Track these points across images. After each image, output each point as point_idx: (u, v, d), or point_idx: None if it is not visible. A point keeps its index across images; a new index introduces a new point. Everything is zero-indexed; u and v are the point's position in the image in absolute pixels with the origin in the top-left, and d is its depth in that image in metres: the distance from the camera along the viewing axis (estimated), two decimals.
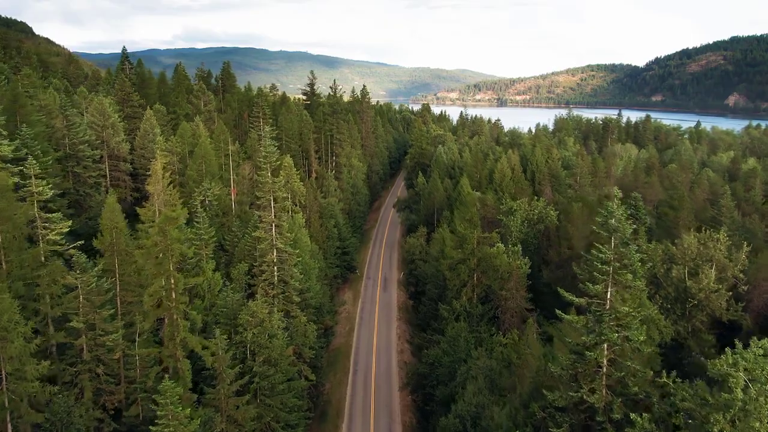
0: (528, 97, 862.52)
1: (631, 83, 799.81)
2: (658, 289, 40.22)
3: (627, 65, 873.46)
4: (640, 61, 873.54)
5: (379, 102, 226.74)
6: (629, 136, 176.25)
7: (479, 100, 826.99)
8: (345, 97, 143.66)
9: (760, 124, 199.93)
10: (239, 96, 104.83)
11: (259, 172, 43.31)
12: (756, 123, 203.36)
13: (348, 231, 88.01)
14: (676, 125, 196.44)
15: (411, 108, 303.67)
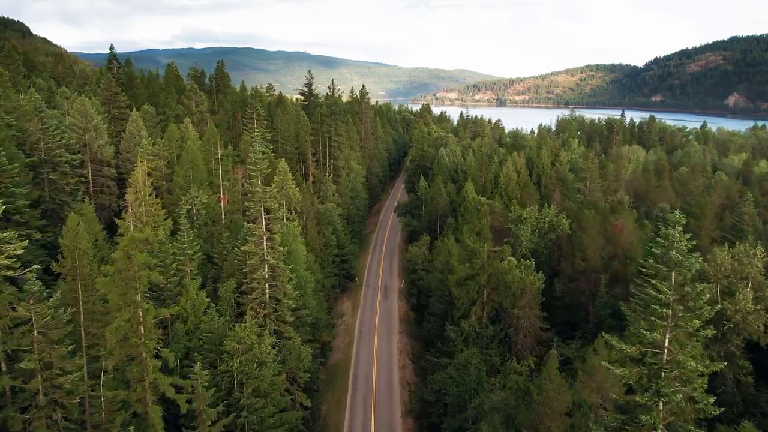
0: (527, 98, 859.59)
1: (631, 83, 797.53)
2: None
3: (626, 65, 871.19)
4: (640, 61, 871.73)
5: (378, 102, 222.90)
6: (634, 137, 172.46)
7: (478, 101, 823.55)
8: (344, 98, 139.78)
9: (766, 125, 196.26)
10: (233, 96, 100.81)
11: (249, 181, 39.41)
12: (762, 123, 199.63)
13: (347, 238, 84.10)
14: (681, 126, 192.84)
15: (410, 108, 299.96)
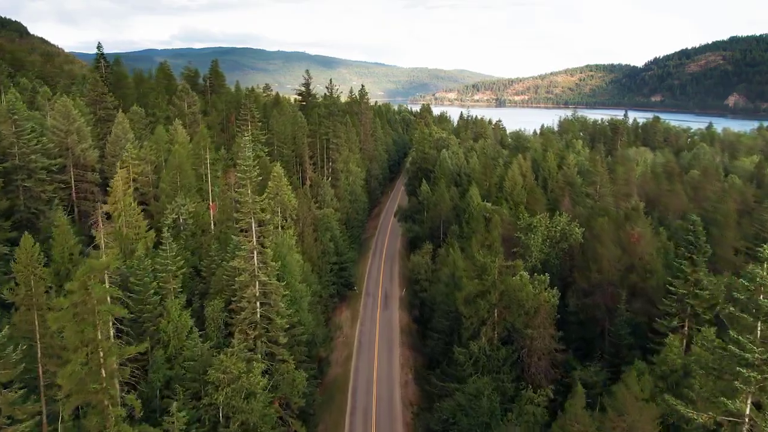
0: (526, 98, 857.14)
1: (630, 83, 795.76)
2: (722, 333, 33.15)
3: (626, 65, 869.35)
4: (639, 62, 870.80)
5: (377, 102, 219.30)
6: (638, 139, 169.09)
7: (478, 101, 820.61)
8: (342, 98, 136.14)
9: None
10: (227, 97, 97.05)
11: (238, 190, 35.86)
12: (767, 124, 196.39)
13: (345, 244, 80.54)
14: (686, 127, 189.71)
15: (410, 108, 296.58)
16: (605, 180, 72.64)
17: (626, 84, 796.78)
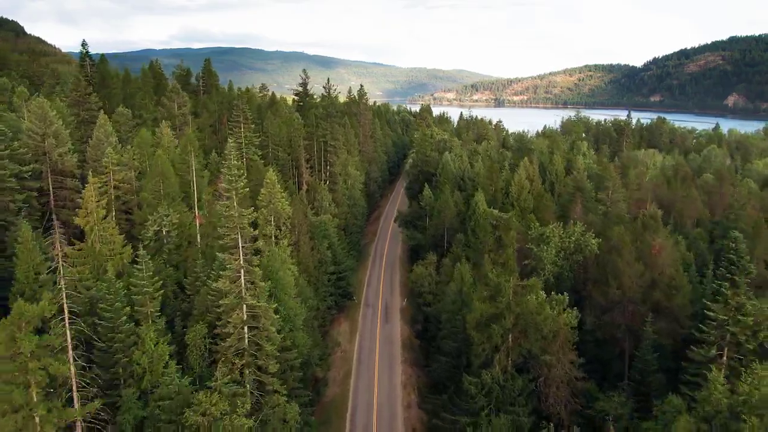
0: (525, 98, 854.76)
1: (629, 83, 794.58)
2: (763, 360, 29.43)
3: (625, 65, 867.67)
4: (638, 62, 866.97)
5: (376, 102, 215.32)
6: (643, 140, 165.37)
7: (476, 101, 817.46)
8: (341, 98, 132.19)
9: None
10: (220, 97, 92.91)
11: (222, 202, 31.91)
12: None
13: (344, 252, 76.62)
14: (691, 127, 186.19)
15: (409, 108, 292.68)
16: (618, 185, 68.76)
17: (625, 84, 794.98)
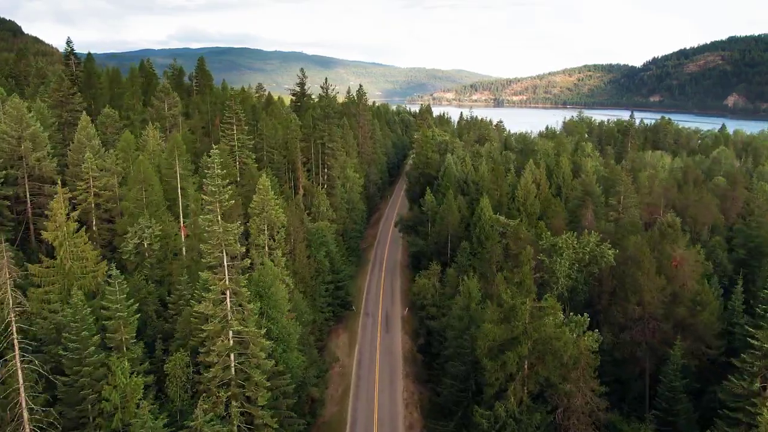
0: (525, 98, 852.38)
1: (629, 83, 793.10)
2: None
3: (624, 65, 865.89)
4: (638, 62, 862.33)
5: (375, 102, 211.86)
6: (647, 141, 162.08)
7: (476, 101, 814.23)
8: (339, 98, 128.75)
9: None
10: (213, 98, 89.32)
11: (205, 216, 28.45)
12: None
13: (342, 260, 73.08)
14: (695, 128, 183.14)
15: (408, 108, 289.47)
16: (630, 189, 65.41)
17: (625, 84, 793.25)
